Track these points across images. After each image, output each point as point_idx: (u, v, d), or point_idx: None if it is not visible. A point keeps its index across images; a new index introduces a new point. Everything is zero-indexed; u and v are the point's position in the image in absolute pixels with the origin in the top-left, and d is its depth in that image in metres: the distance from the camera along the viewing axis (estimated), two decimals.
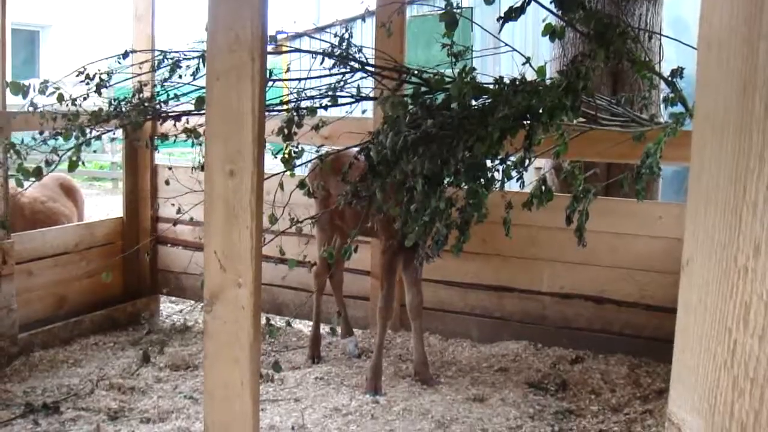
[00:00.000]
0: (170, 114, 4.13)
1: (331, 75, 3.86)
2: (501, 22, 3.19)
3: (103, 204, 12.83)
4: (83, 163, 3.93)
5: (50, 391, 4.62)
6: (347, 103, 3.88)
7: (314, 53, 3.87)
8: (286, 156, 3.88)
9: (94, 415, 4.30)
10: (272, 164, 4.15)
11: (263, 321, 3.76)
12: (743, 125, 0.88)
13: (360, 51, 3.90)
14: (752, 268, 0.90)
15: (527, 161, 3.38)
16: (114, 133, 4.69)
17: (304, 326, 5.92)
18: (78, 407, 4.40)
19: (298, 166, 3.99)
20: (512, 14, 3.17)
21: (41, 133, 3.98)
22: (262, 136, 2.20)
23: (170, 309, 6.54)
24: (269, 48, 3.84)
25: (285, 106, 4.01)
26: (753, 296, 0.90)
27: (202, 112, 2.48)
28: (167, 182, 5.13)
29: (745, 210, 0.89)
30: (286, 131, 3.77)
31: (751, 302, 0.90)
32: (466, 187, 3.33)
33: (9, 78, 4.69)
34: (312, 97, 3.87)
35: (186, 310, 6.34)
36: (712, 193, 0.92)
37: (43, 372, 4.99)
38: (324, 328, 5.38)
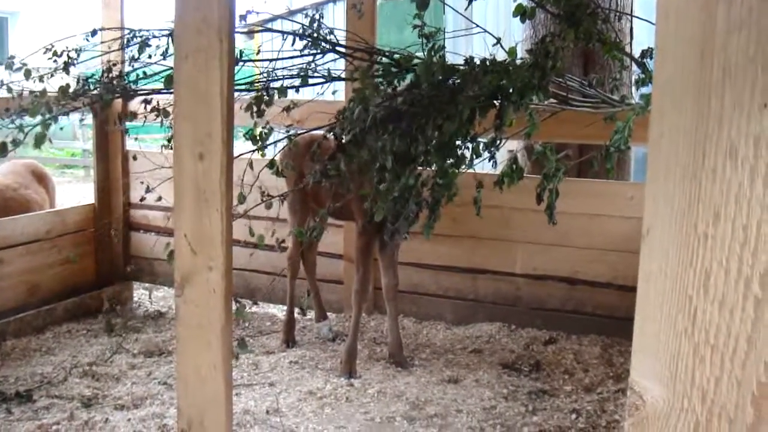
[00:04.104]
0: (139, 92, 4.08)
1: (302, 56, 3.84)
2: (468, 1, 3.19)
3: (76, 192, 12.69)
4: (50, 140, 3.85)
5: (23, 379, 4.58)
6: (318, 84, 3.86)
7: (285, 33, 3.84)
8: (257, 136, 3.85)
9: (68, 402, 4.27)
10: (242, 147, 4.12)
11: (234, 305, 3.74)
12: (701, 91, 0.88)
13: (331, 32, 3.88)
14: (712, 235, 0.90)
15: (498, 141, 3.39)
16: (83, 115, 4.60)
17: (278, 311, 5.92)
18: (51, 395, 4.37)
19: (269, 145, 3.96)
20: None
21: (7, 110, 3.90)
22: (231, 118, 2.18)
23: (143, 295, 6.50)
24: (240, 28, 3.82)
25: (255, 86, 3.97)
26: (713, 263, 0.91)
27: (171, 90, 2.46)
28: (135, 157, 5.13)
29: (704, 176, 0.89)
30: (255, 108, 3.74)
31: (711, 269, 0.91)
32: (435, 166, 3.33)
33: None
34: (283, 77, 3.84)
35: (158, 296, 6.31)
36: (672, 160, 0.92)
37: (16, 360, 4.94)
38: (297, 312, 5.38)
